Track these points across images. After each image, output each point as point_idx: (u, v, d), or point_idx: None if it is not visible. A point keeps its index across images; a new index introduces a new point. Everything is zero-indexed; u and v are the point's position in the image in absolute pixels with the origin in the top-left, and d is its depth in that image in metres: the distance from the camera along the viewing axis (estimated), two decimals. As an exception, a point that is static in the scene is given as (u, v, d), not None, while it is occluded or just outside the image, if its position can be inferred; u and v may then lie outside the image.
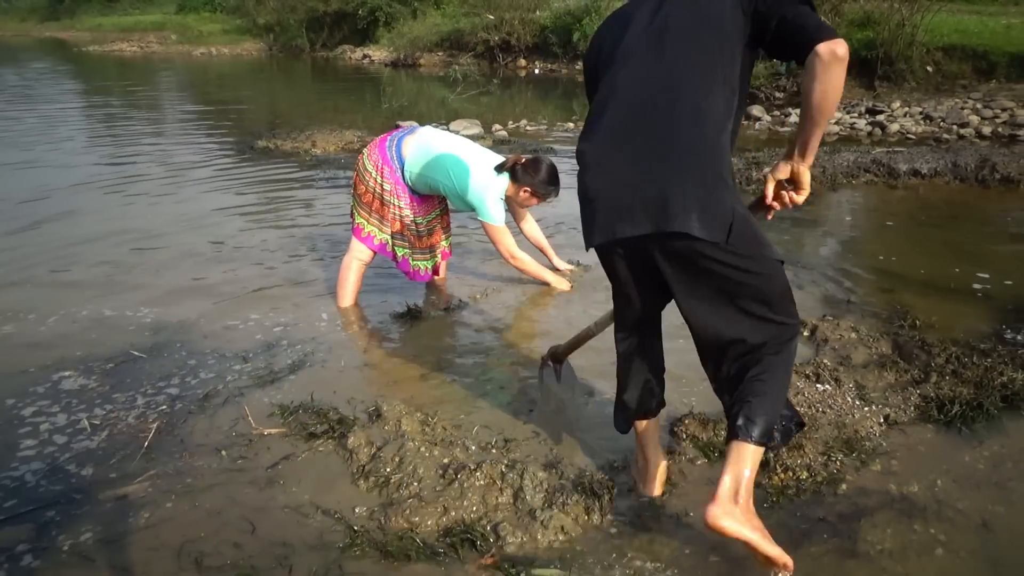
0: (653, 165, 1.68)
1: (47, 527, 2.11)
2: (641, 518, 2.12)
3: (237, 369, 3.03)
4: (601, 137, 1.77)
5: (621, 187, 1.71)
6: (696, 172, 1.66)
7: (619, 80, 1.79)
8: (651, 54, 1.76)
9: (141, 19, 35.26)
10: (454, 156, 3.45)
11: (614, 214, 1.72)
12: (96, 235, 4.78)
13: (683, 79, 1.71)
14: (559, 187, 3.57)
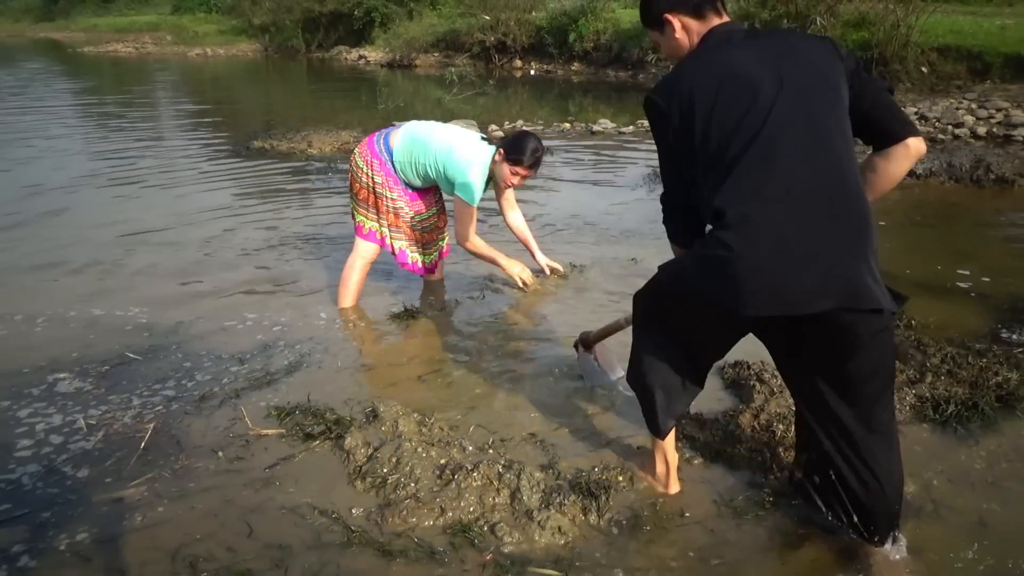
0: (833, 238, 1.65)
1: (43, 528, 2.10)
2: (638, 518, 2.12)
3: (234, 370, 3.03)
4: (772, 209, 1.67)
5: (798, 259, 1.64)
6: (869, 245, 1.68)
7: (778, 148, 1.69)
8: (801, 120, 1.72)
9: (136, 20, 35.15)
10: (438, 136, 3.45)
11: (786, 286, 1.65)
12: (90, 235, 4.78)
13: (840, 151, 1.72)
14: (540, 164, 3.47)
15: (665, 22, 1.94)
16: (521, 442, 2.50)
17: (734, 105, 1.74)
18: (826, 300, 1.63)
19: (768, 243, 1.65)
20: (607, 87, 14.16)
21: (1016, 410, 2.64)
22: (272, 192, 6.05)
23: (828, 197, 1.67)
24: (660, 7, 1.95)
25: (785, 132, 1.70)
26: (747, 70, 1.77)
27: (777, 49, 1.81)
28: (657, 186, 6.14)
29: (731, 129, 1.73)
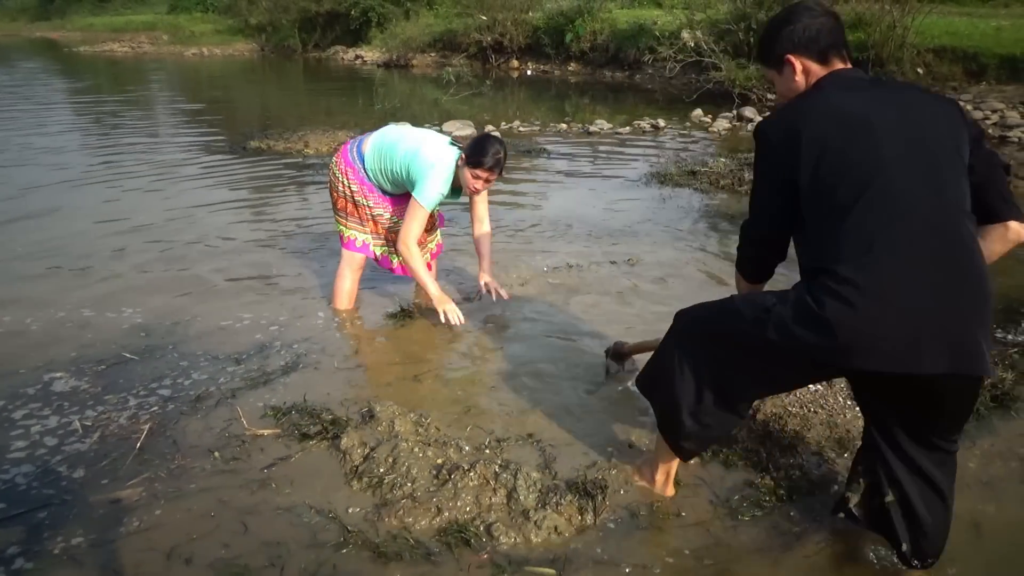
0: (953, 303, 1.62)
1: (38, 529, 2.10)
2: (634, 518, 2.13)
3: (230, 370, 3.02)
4: (887, 267, 1.61)
5: (915, 319, 1.60)
6: (986, 313, 1.66)
7: (900, 203, 1.64)
8: (925, 178, 1.66)
9: (132, 19, 35.11)
10: (407, 139, 3.39)
11: (901, 345, 1.61)
12: (86, 235, 4.76)
13: (963, 213, 1.68)
14: (503, 157, 3.29)
15: (786, 63, 1.89)
16: (518, 442, 2.51)
17: (853, 152, 1.68)
18: (940, 363, 1.61)
19: (886, 301, 1.60)
20: (604, 87, 14.18)
21: (1011, 410, 2.65)
22: (268, 192, 6.05)
23: (950, 259, 1.63)
24: (783, 48, 1.88)
25: (908, 188, 1.64)
26: (871, 118, 1.71)
27: (903, 102, 1.75)
28: (653, 185, 6.16)
29: (850, 177, 1.67)
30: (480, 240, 3.65)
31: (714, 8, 12.29)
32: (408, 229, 3.33)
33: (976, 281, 1.64)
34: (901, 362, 1.62)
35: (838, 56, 1.86)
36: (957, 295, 1.62)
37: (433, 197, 3.30)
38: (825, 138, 1.70)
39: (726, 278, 4.02)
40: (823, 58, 1.85)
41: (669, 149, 8.00)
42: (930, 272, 1.61)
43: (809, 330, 1.67)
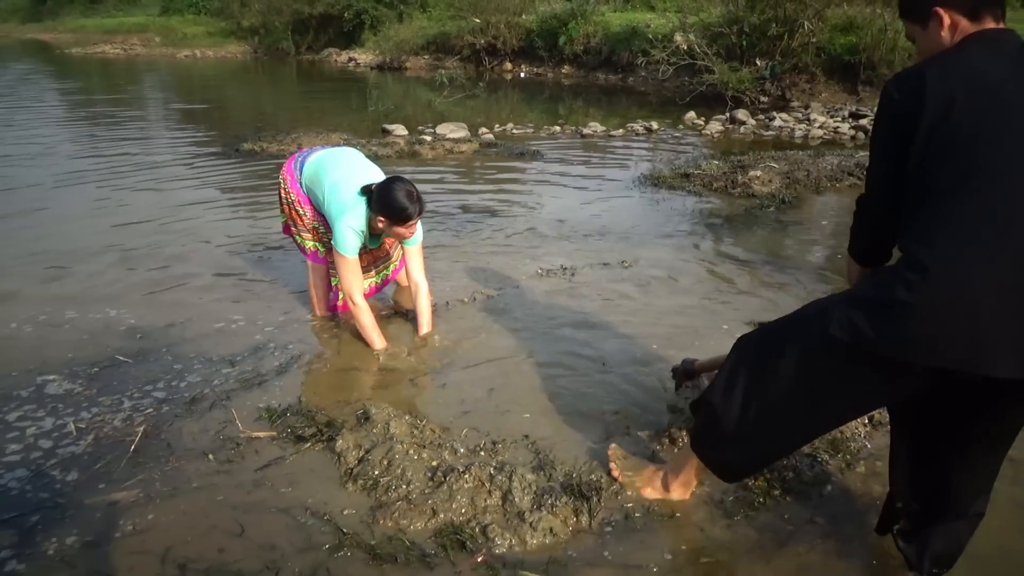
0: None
1: (32, 532, 2.09)
2: (629, 519, 2.14)
3: (224, 372, 3.02)
4: (980, 257, 1.49)
5: (999, 321, 1.48)
6: None
7: (1007, 195, 1.49)
8: None
9: (124, 21, 34.93)
10: (336, 170, 3.23)
11: (981, 346, 1.49)
12: (79, 236, 4.74)
13: None
14: (412, 210, 3.02)
15: (933, 15, 1.66)
16: (513, 444, 2.51)
17: (971, 125, 1.51)
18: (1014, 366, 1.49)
19: (963, 295, 1.48)
20: (597, 90, 14.21)
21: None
22: (262, 194, 6.03)
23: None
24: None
25: (1020, 178, 1.48)
26: (1008, 93, 1.52)
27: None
28: (647, 188, 6.17)
29: (960, 153, 1.51)
30: (417, 304, 3.36)
31: (706, 11, 12.33)
32: (343, 281, 3.19)
33: None
34: (969, 361, 1.49)
35: (991, 14, 1.63)
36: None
37: (349, 244, 3.10)
38: (951, 104, 1.52)
39: (721, 279, 4.03)
40: (975, 14, 1.62)
41: (662, 152, 8.03)
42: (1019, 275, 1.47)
43: (878, 320, 1.56)
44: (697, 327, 3.42)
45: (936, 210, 1.53)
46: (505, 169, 7.17)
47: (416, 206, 3.04)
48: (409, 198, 3.01)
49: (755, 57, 11.46)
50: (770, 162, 6.69)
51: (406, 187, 3.03)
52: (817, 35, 11.17)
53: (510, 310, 3.66)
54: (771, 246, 4.70)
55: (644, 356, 3.14)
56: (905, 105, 1.58)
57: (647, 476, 2.25)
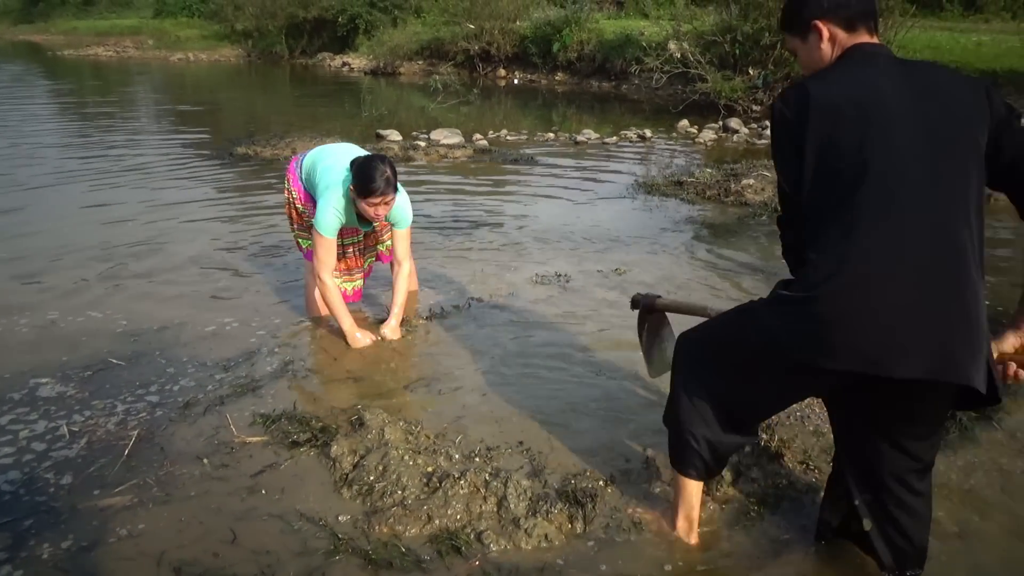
0: (942, 306, 1.54)
1: (24, 536, 2.08)
2: (624, 526, 2.14)
3: (218, 377, 3.01)
4: (872, 257, 1.55)
5: (898, 320, 1.54)
6: (977, 319, 1.56)
7: (896, 194, 1.56)
8: (929, 168, 1.57)
9: (117, 23, 34.82)
10: (329, 157, 3.30)
11: (883, 347, 1.54)
12: (70, 240, 4.72)
13: (961, 215, 1.57)
14: (376, 184, 3.00)
15: (812, 29, 1.75)
16: (508, 450, 2.51)
17: (857, 133, 1.59)
18: (918, 367, 1.54)
19: (866, 297, 1.54)
20: (591, 97, 14.26)
21: (992, 421, 2.69)
22: (256, 198, 6.02)
23: (943, 263, 1.55)
24: (810, 12, 1.75)
25: (907, 178, 1.56)
26: (882, 99, 1.61)
27: (921, 84, 1.64)
28: (640, 195, 6.20)
29: (849, 160, 1.59)
30: (394, 281, 3.43)
31: (700, 20, 12.40)
32: (315, 258, 3.22)
33: (969, 293, 1.55)
34: (876, 363, 1.55)
35: (866, 27, 1.73)
36: (947, 301, 1.54)
37: (328, 222, 3.13)
38: (837, 115, 1.61)
39: (713, 287, 4.05)
40: (851, 25, 1.72)
41: (655, 159, 8.06)
42: (919, 273, 1.54)
43: (785, 324, 1.64)
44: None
45: (832, 218, 1.60)
46: (499, 175, 7.19)
47: (382, 184, 3.01)
48: (380, 174, 3.00)
49: (748, 66, 11.53)
50: (763, 171, 6.72)
51: (382, 166, 3.03)
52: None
53: (504, 316, 3.67)
54: (763, 254, 4.72)
55: (638, 363, 3.15)
56: (795, 119, 1.65)
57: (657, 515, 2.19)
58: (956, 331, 1.55)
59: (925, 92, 1.63)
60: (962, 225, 1.57)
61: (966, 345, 1.55)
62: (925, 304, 1.54)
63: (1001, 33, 12.54)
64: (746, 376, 1.81)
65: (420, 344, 3.40)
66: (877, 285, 1.54)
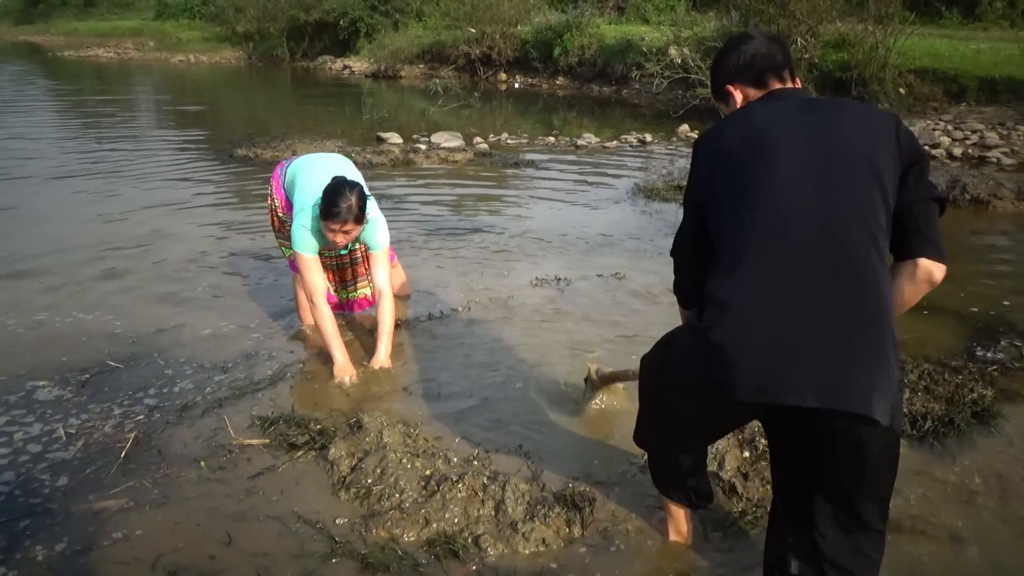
0: (828, 327, 1.46)
1: (20, 539, 2.08)
2: (622, 531, 2.14)
3: (216, 379, 3.01)
4: (757, 280, 1.52)
5: (783, 344, 1.46)
6: (876, 341, 1.46)
7: (789, 225, 1.53)
8: (821, 192, 1.54)
9: (118, 24, 34.89)
10: (309, 171, 3.22)
11: (767, 373, 1.47)
12: (69, 241, 4.72)
13: (857, 229, 1.51)
14: (331, 213, 2.89)
15: (727, 93, 1.83)
16: (506, 454, 2.51)
17: (750, 166, 1.60)
18: (807, 394, 1.44)
19: (752, 322, 1.49)
20: (591, 102, 14.27)
21: (990, 426, 2.69)
22: (255, 200, 6.02)
23: (834, 278, 1.48)
24: (721, 79, 1.84)
25: (795, 200, 1.54)
26: (776, 131, 1.61)
27: (822, 114, 1.63)
28: (640, 200, 6.20)
29: (744, 192, 1.59)
30: (378, 312, 3.22)
31: (700, 25, 12.42)
32: (302, 280, 3.13)
33: (871, 307, 1.47)
34: (764, 391, 1.46)
35: (776, 78, 1.78)
36: (836, 319, 1.46)
37: (301, 241, 3.04)
38: (729, 152, 1.65)
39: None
40: (759, 81, 1.78)
41: (656, 164, 8.06)
42: (806, 292, 1.48)
43: (687, 356, 1.63)
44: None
45: (726, 249, 1.60)
46: (499, 179, 7.19)
47: (344, 211, 2.88)
48: (343, 201, 2.88)
49: (748, 71, 11.54)
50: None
51: (349, 194, 2.91)
52: (810, 51, 11.26)
53: (504, 319, 3.66)
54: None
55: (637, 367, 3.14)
56: (702, 158, 1.73)
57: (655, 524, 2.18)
58: (851, 355, 1.45)
59: (822, 119, 1.62)
60: (860, 248, 1.50)
61: (863, 370, 1.44)
62: (815, 327, 1.46)
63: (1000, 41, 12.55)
64: (675, 400, 1.77)
65: (419, 347, 3.39)
66: (764, 310, 1.49)
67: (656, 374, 1.83)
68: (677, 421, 1.82)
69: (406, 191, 6.47)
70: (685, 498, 2.00)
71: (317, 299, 3.09)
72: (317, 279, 3.10)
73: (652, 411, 1.91)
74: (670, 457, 1.93)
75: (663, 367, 1.78)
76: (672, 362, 1.71)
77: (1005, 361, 3.20)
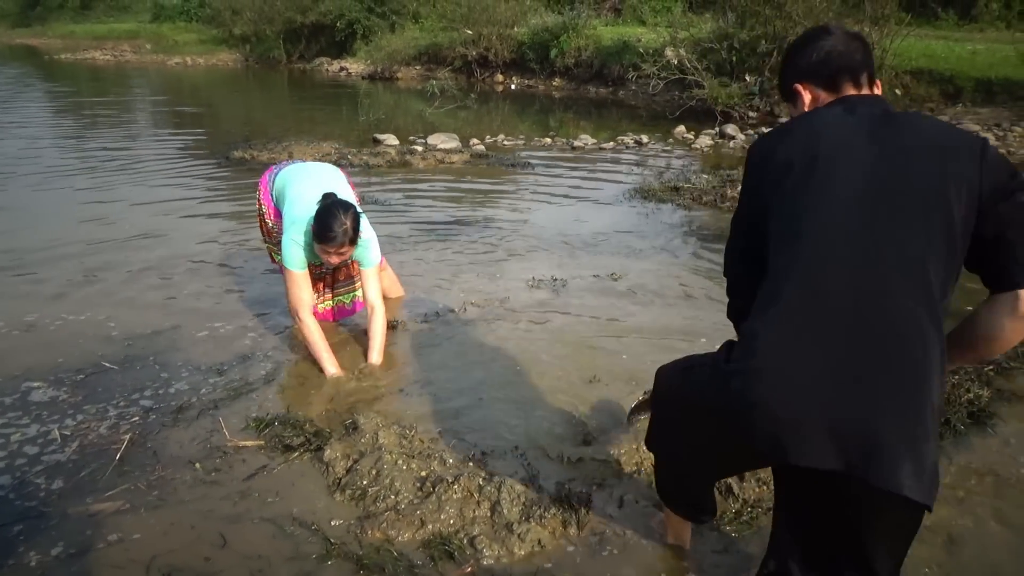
0: (860, 386, 1.34)
1: (14, 542, 2.07)
2: (618, 532, 2.13)
3: (211, 380, 3.00)
4: (788, 326, 1.40)
5: (813, 399, 1.34)
6: (913, 408, 1.33)
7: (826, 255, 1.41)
8: (875, 235, 1.40)
9: (115, 27, 34.83)
10: (299, 187, 3.21)
11: (791, 430, 1.35)
12: (64, 243, 4.71)
13: (908, 282, 1.38)
14: (330, 235, 2.91)
15: (795, 93, 1.68)
16: (502, 455, 2.51)
17: (800, 192, 1.47)
18: (828, 457, 1.33)
19: (779, 369, 1.38)
20: (588, 103, 14.28)
21: (986, 426, 2.69)
22: (250, 202, 5.99)
23: (877, 331, 1.35)
24: (790, 76, 1.69)
25: (847, 250, 1.40)
26: (835, 155, 1.46)
27: (895, 135, 1.47)
28: (637, 200, 6.21)
29: (788, 221, 1.48)
30: (369, 327, 3.23)
31: (697, 27, 12.44)
32: (288, 295, 3.14)
33: (910, 372, 1.34)
34: (782, 448, 1.36)
35: (852, 81, 1.61)
36: (870, 382, 1.33)
37: (291, 257, 3.05)
38: (781, 167, 1.51)
39: (707, 294, 4.05)
40: (832, 84, 1.62)
41: (652, 165, 8.07)
42: (845, 346, 1.36)
43: (708, 392, 1.51)
44: (685, 340, 3.43)
45: (770, 277, 1.48)
46: (496, 180, 7.19)
47: (340, 234, 2.91)
48: (339, 225, 2.90)
49: (744, 73, 11.57)
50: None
51: (343, 217, 2.92)
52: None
53: (500, 321, 3.66)
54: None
55: (633, 369, 3.15)
56: (756, 166, 1.61)
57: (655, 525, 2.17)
58: (887, 418, 1.32)
59: (892, 152, 1.45)
60: (911, 297, 1.37)
61: (904, 441, 1.31)
62: (848, 382, 1.34)
63: (996, 42, 12.59)
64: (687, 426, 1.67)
65: (415, 348, 3.39)
66: (793, 358, 1.37)
67: (671, 392, 1.74)
68: (688, 444, 1.69)
69: (402, 192, 6.46)
70: (688, 512, 1.93)
71: (303, 314, 3.09)
72: (304, 294, 3.10)
73: (663, 425, 1.81)
74: (676, 471, 1.83)
75: (680, 394, 1.68)
76: (690, 393, 1.62)
77: (1001, 361, 3.19)
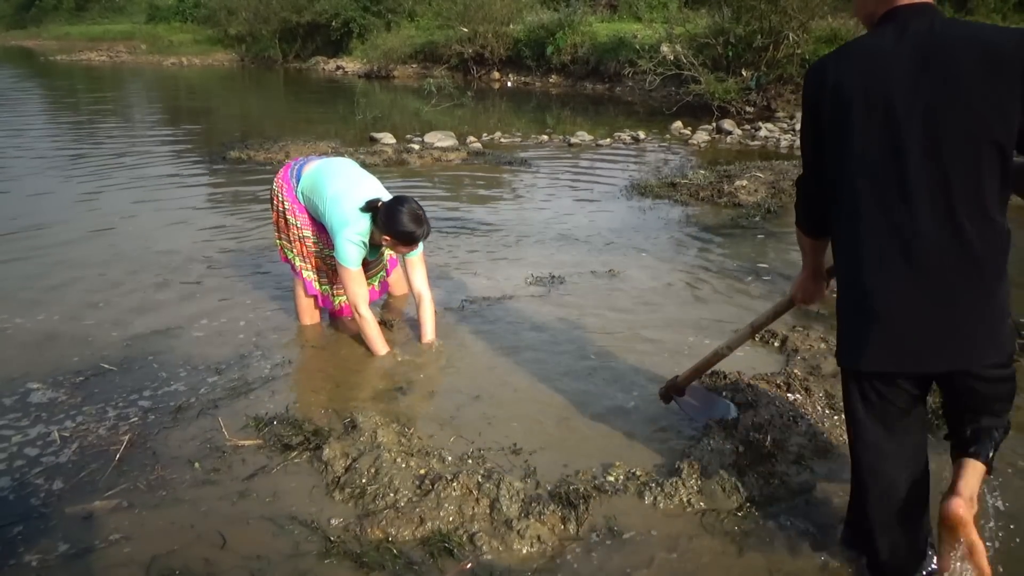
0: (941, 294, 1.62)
1: (14, 543, 2.07)
2: (616, 528, 2.14)
3: (210, 380, 3.00)
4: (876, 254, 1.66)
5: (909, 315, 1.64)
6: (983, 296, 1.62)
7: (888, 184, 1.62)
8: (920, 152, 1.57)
9: (110, 28, 34.78)
10: (337, 181, 3.25)
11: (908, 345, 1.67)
12: (62, 244, 4.71)
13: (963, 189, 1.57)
14: (419, 233, 3.10)
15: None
16: (501, 453, 2.51)
17: (856, 119, 1.62)
18: (937, 361, 1.67)
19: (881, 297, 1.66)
20: (584, 99, 14.28)
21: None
22: (248, 201, 6.01)
23: (940, 245, 1.60)
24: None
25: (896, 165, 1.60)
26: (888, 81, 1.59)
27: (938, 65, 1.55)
28: (634, 197, 6.21)
29: (848, 147, 1.65)
30: (420, 316, 3.37)
31: (693, 23, 12.43)
32: (347, 292, 3.21)
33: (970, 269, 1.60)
34: (901, 362, 1.67)
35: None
36: (947, 287, 1.61)
37: (351, 256, 3.14)
38: (840, 96, 1.64)
39: (705, 288, 4.06)
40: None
41: (649, 161, 8.07)
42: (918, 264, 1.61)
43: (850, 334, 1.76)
44: (682, 334, 3.44)
45: (840, 207, 1.72)
46: (493, 178, 7.19)
47: (423, 228, 3.11)
48: (416, 221, 3.08)
49: (741, 68, 11.56)
50: (756, 172, 6.74)
51: (413, 210, 3.09)
52: (802, 46, 11.27)
53: (498, 318, 3.66)
54: (757, 255, 4.73)
55: (630, 365, 3.15)
56: (812, 97, 1.72)
57: None
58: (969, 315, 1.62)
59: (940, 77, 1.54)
60: (965, 205, 1.57)
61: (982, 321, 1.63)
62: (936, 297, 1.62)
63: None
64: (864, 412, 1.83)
65: (414, 346, 3.39)
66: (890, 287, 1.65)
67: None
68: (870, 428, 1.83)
69: (399, 191, 6.44)
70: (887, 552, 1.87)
71: (363, 309, 3.20)
72: (362, 289, 3.22)
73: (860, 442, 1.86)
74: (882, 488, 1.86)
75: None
76: (841, 354, 1.83)
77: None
